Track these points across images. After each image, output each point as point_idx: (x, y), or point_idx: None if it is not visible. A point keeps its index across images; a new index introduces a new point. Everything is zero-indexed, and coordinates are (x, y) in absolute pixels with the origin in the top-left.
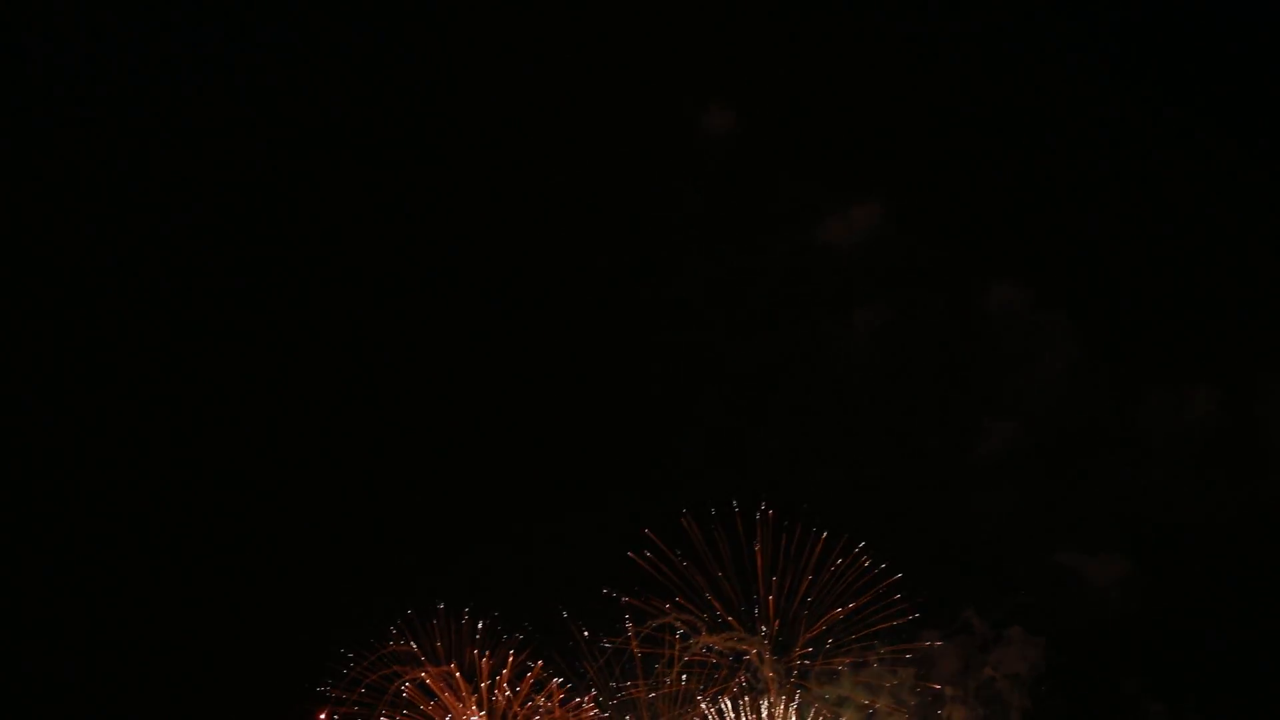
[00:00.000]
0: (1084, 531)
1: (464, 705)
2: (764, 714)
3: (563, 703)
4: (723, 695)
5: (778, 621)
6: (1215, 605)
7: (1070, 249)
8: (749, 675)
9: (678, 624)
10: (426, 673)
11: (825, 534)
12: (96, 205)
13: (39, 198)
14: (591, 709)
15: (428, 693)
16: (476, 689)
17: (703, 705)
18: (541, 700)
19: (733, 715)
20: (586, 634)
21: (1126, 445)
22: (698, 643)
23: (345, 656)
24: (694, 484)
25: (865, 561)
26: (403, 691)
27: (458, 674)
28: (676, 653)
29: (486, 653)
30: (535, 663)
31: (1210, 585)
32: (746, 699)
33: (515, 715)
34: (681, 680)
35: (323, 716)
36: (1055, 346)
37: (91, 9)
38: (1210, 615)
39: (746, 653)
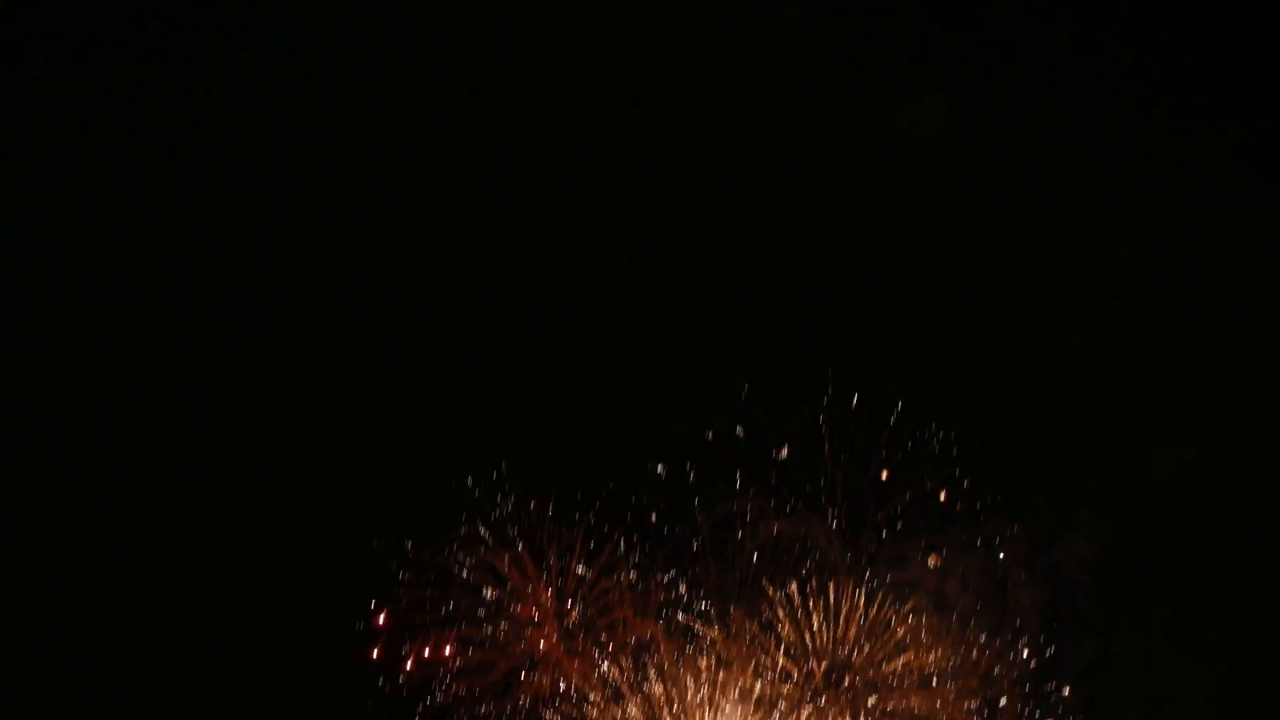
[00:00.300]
0: (1153, 419)
1: (532, 587)
2: (832, 598)
3: (632, 586)
4: (790, 580)
5: (846, 505)
6: None
7: (1144, 142)
8: (817, 559)
9: (746, 508)
10: (493, 555)
11: (900, 405)
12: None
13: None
14: (660, 592)
15: (496, 576)
16: (545, 570)
17: (770, 591)
18: (614, 582)
19: (800, 600)
20: (655, 517)
21: (1196, 333)
22: (766, 526)
23: (411, 542)
24: (757, 364)
25: (934, 446)
26: (466, 574)
27: (525, 555)
28: (745, 537)
29: (555, 534)
30: (604, 546)
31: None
32: (814, 583)
33: (584, 596)
34: (753, 561)
35: (382, 619)
36: (1125, 235)
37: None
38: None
39: (814, 537)
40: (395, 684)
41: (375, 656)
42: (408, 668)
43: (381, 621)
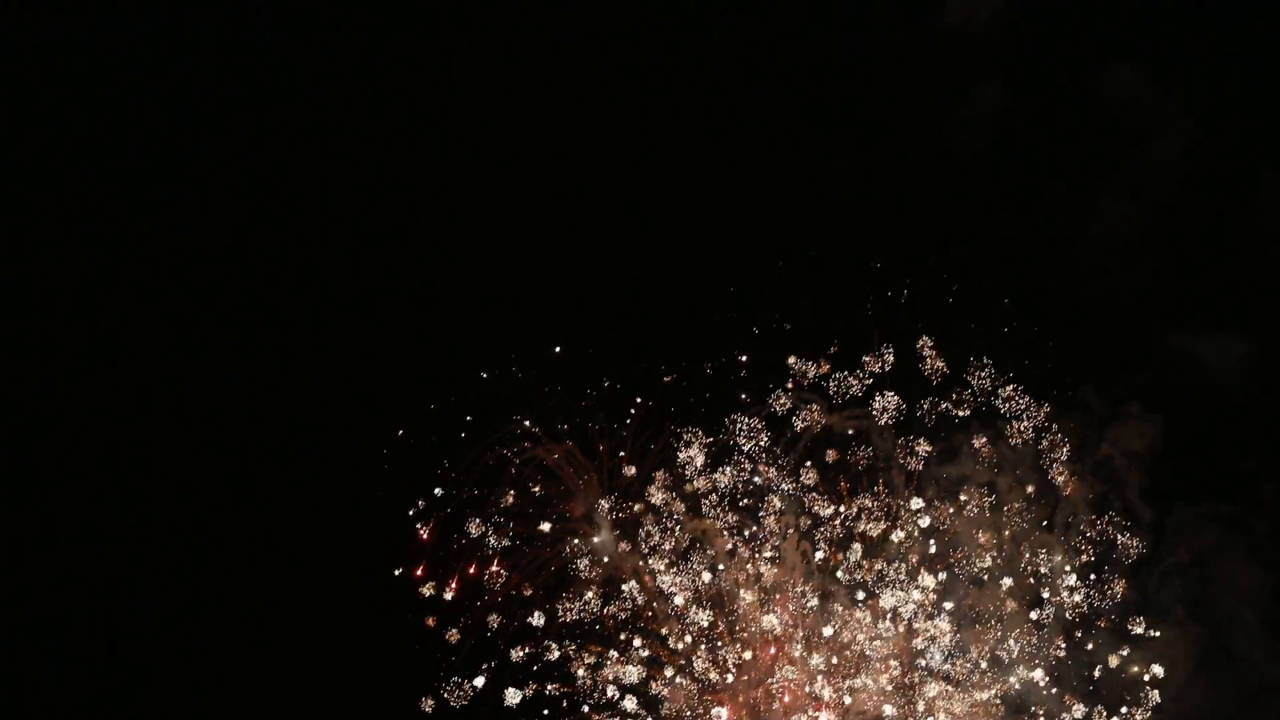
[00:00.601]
0: (1203, 312)
1: (585, 484)
2: (882, 492)
3: (683, 482)
4: (840, 477)
5: (895, 400)
6: None
7: (1192, 28)
8: (868, 454)
9: (795, 403)
10: (545, 451)
11: (949, 299)
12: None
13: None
14: (711, 489)
15: (548, 474)
16: (599, 466)
17: (819, 487)
18: (665, 479)
19: (850, 496)
20: (704, 410)
21: (1246, 225)
22: (815, 423)
23: (461, 438)
24: (801, 256)
25: (984, 340)
26: (515, 471)
27: (576, 451)
28: (794, 433)
29: (605, 431)
30: (655, 442)
31: None
32: (865, 477)
33: (637, 490)
34: (804, 457)
35: (425, 532)
36: (1175, 127)
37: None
38: None
39: (863, 433)
40: (442, 587)
41: (420, 572)
42: (453, 585)
43: (426, 535)
